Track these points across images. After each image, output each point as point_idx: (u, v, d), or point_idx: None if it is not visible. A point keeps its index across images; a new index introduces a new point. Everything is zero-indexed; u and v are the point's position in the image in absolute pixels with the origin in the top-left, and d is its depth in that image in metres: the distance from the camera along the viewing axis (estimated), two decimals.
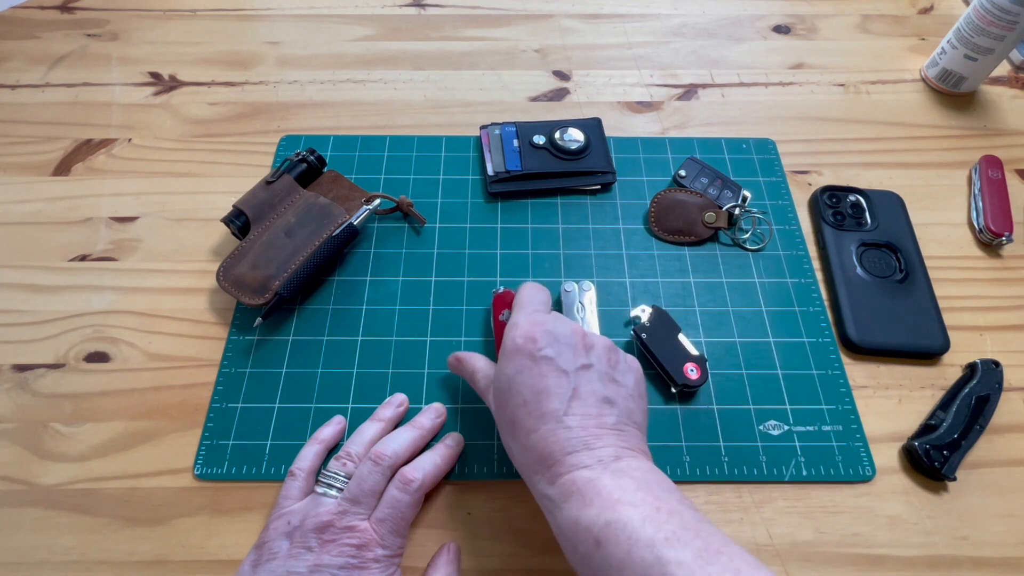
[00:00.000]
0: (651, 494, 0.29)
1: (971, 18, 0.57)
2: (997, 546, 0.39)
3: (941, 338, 0.46)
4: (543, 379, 0.34)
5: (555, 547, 0.39)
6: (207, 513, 0.40)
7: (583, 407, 0.33)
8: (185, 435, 0.42)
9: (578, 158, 0.54)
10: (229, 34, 0.66)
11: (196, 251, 0.51)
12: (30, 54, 0.64)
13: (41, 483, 0.41)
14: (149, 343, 0.46)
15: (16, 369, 0.45)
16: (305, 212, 0.49)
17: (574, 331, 0.36)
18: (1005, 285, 0.50)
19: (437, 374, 0.45)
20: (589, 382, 0.34)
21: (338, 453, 0.39)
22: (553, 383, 0.34)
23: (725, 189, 0.53)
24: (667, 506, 0.29)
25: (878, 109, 0.61)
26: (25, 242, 0.51)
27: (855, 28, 0.68)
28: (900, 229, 0.51)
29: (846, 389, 0.44)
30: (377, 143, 0.57)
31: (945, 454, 0.41)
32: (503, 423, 0.36)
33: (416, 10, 0.69)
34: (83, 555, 0.38)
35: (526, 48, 0.66)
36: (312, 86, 0.62)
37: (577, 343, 0.36)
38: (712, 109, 0.61)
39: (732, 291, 0.49)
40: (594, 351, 0.36)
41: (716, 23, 0.69)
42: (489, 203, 0.54)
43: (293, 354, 0.46)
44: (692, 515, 0.29)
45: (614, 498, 0.29)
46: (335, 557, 0.34)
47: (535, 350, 0.35)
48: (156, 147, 0.57)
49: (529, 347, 0.35)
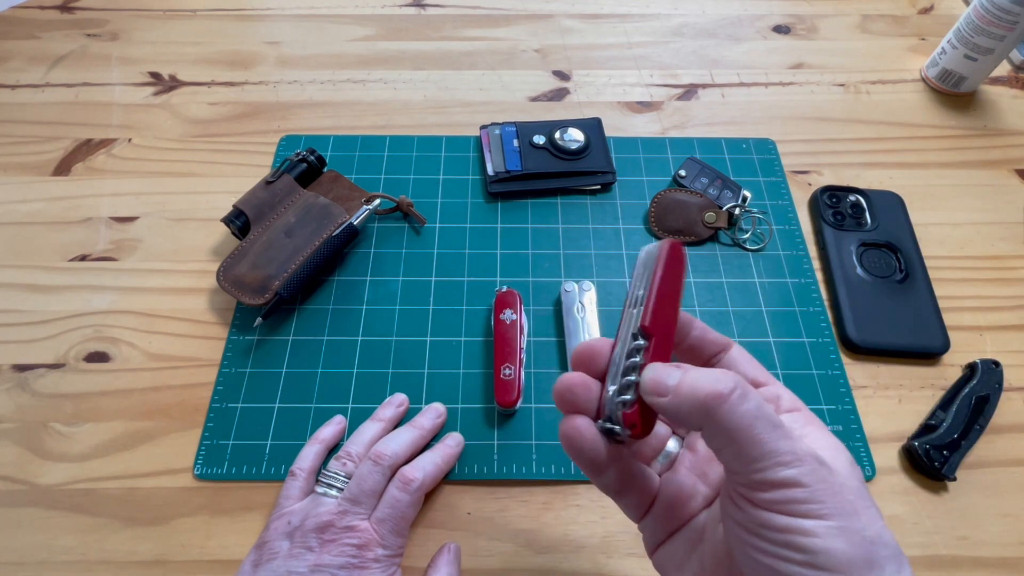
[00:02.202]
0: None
1: (971, 18, 0.57)
2: (997, 546, 0.39)
3: (941, 338, 0.46)
4: None
5: (555, 547, 0.39)
6: (207, 513, 0.40)
7: None
8: (185, 435, 0.42)
9: (578, 158, 0.54)
10: (229, 34, 0.66)
11: (196, 251, 0.51)
12: (30, 54, 0.64)
13: (41, 483, 0.41)
14: (149, 343, 0.46)
15: (16, 369, 0.45)
16: (305, 212, 0.49)
17: None
18: (1005, 285, 0.50)
19: (437, 374, 0.45)
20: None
21: (338, 453, 0.39)
22: None
23: (725, 189, 0.53)
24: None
25: (878, 109, 0.61)
26: (25, 242, 0.51)
27: (855, 28, 0.68)
28: (900, 229, 0.51)
29: (846, 389, 0.44)
30: (377, 143, 0.57)
31: (945, 454, 0.41)
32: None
33: (416, 10, 0.69)
34: (83, 555, 0.38)
35: (526, 48, 0.66)
36: (312, 86, 0.62)
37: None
38: (712, 109, 0.61)
39: (732, 291, 0.49)
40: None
41: (716, 23, 0.69)
42: (489, 203, 0.54)
43: (293, 354, 0.46)
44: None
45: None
46: (335, 557, 0.34)
47: None
48: (156, 147, 0.57)
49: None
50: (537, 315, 0.47)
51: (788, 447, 0.21)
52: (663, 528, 0.26)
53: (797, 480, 0.20)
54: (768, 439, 0.21)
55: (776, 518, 0.20)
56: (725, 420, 0.21)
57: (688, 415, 0.22)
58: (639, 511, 0.27)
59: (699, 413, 0.21)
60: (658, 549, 0.26)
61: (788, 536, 0.20)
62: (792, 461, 0.21)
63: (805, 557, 0.20)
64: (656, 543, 0.26)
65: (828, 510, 0.20)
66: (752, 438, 0.21)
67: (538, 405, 0.44)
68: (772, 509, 0.21)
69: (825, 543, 0.20)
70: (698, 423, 0.22)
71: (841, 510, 0.20)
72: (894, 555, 0.21)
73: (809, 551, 0.20)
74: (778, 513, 0.20)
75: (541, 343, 0.46)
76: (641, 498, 0.26)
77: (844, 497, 0.21)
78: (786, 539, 0.20)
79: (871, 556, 0.20)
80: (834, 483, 0.21)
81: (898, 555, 0.21)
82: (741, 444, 0.21)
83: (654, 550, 0.27)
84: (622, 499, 0.27)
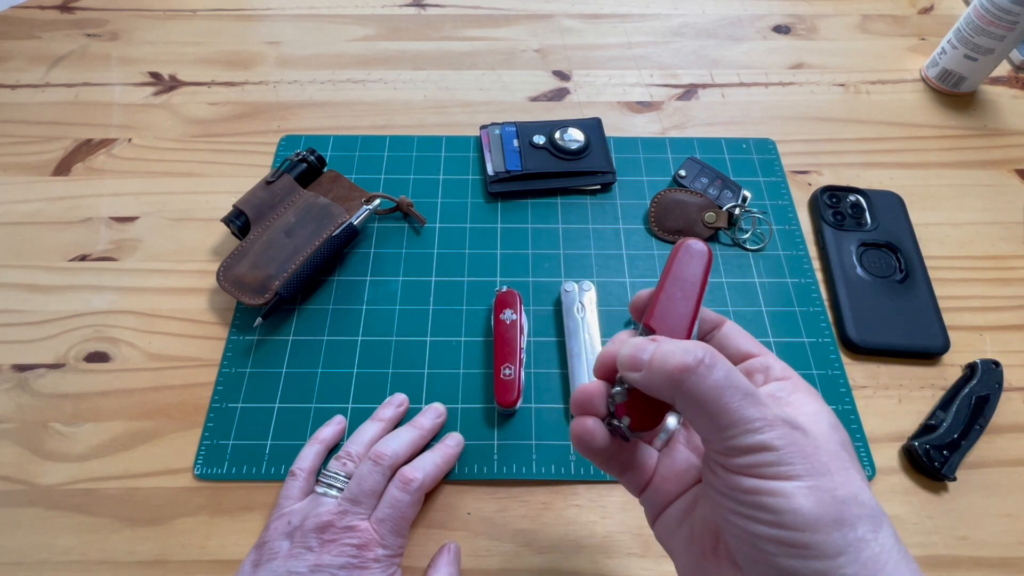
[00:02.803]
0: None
1: (971, 18, 0.57)
2: (997, 546, 0.39)
3: (941, 338, 0.46)
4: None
5: (555, 547, 0.39)
6: (207, 513, 0.40)
7: None
8: (185, 435, 0.42)
9: (578, 158, 0.54)
10: (229, 34, 0.66)
11: (196, 251, 0.51)
12: (30, 54, 0.64)
13: (41, 483, 0.41)
14: (149, 343, 0.46)
15: (16, 369, 0.45)
16: (305, 212, 0.49)
17: None
18: (1005, 285, 0.50)
19: (437, 374, 0.45)
20: None
21: (338, 453, 0.39)
22: None
23: (725, 189, 0.53)
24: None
25: (878, 109, 0.61)
26: (25, 242, 0.51)
27: (855, 28, 0.68)
28: (900, 229, 0.51)
29: (846, 389, 0.44)
30: (377, 143, 0.57)
31: (945, 454, 0.41)
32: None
33: (416, 10, 0.69)
34: (83, 555, 0.38)
35: (526, 48, 0.66)
36: (312, 86, 0.62)
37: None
38: (712, 109, 0.61)
39: (732, 291, 0.49)
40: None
41: (716, 23, 0.69)
42: (489, 203, 0.54)
43: (293, 354, 0.46)
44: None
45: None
46: (335, 557, 0.34)
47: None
48: (156, 147, 0.57)
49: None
50: (537, 315, 0.47)
51: (759, 413, 0.21)
52: (661, 500, 0.27)
53: (765, 444, 0.21)
54: (737, 407, 0.21)
55: (745, 481, 0.21)
56: (694, 391, 0.22)
57: (660, 388, 0.23)
58: (639, 487, 0.28)
59: (669, 385, 0.22)
60: (657, 519, 0.27)
61: (757, 497, 0.21)
62: (761, 427, 0.21)
63: (773, 517, 0.20)
64: (655, 514, 0.27)
65: (797, 471, 0.21)
66: (721, 407, 0.21)
67: (538, 405, 0.44)
68: (743, 473, 0.21)
69: (791, 503, 0.20)
70: (670, 395, 0.23)
71: (811, 471, 0.21)
72: (870, 515, 0.21)
73: (775, 511, 0.20)
74: (748, 476, 0.21)
75: (541, 343, 0.46)
76: (641, 475, 0.27)
77: (817, 458, 0.21)
78: (755, 500, 0.21)
79: (841, 515, 0.20)
80: (806, 445, 0.21)
81: (875, 515, 0.21)
82: (711, 413, 0.22)
83: (654, 520, 0.27)
84: (623, 477, 0.28)
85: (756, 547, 0.21)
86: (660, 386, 0.23)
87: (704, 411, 0.22)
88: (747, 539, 0.21)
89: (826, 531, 0.20)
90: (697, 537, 0.25)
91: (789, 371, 0.26)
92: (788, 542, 0.20)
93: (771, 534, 0.20)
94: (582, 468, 0.41)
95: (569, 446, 0.42)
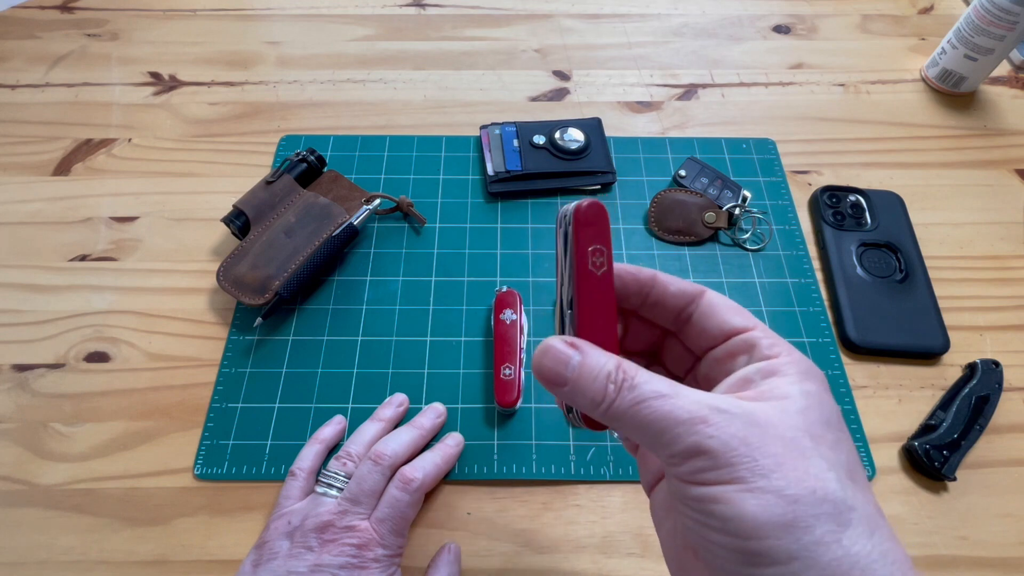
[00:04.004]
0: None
1: (971, 18, 0.57)
2: (997, 546, 0.39)
3: (941, 338, 0.46)
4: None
5: (555, 547, 0.39)
6: (207, 513, 0.40)
7: None
8: (185, 435, 0.42)
9: (578, 158, 0.54)
10: (229, 34, 0.66)
11: (196, 251, 0.51)
12: (30, 54, 0.64)
13: (41, 483, 0.41)
14: (149, 343, 0.46)
15: (16, 369, 0.45)
16: (305, 212, 0.49)
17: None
18: (1005, 285, 0.50)
19: (437, 374, 0.45)
20: None
21: (338, 453, 0.39)
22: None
23: (725, 189, 0.53)
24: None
25: (878, 109, 0.61)
26: (25, 242, 0.51)
27: (855, 28, 0.68)
28: (900, 229, 0.51)
29: (846, 389, 0.44)
30: (377, 143, 0.57)
31: (945, 454, 0.41)
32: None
33: (416, 10, 0.69)
34: (83, 555, 0.38)
35: (526, 48, 0.66)
36: (312, 86, 0.62)
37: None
38: (712, 109, 0.61)
39: (732, 291, 0.49)
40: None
41: (716, 23, 0.69)
42: (489, 203, 0.54)
43: (293, 354, 0.46)
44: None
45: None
46: (335, 557, 0.34)
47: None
48: (156, 147, 0.57)
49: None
50: (537, 315, 0.47)
51: (685, 416, 0.19)
52: (651, 469, 0.25)
53: (698, 447, 0.19)
54: (658, 418, 0.20)
55: (692, 489, 0.19)
56: (616, 416, 0.20)
57: (586, 409, 0.21)
58: (630, 443, 0.26)
59: (592, 410, 0.21)
60: (652, 491, 0.25)
61: (704, 505, 0.19)
62: (684, 432, 0.19)
63: (720, 524, 0.19)
64: (649, 483, 0.25)
65: (740, 473, 0.19)
66: (648, 422, 0.20)
67: (538, 405, 0.44)
68: (687, 481, 0.20)
69: (733, 508, 0.18)
70: (601, 420, 0.21)
71: (755, 470, 0.18)
72: (831, 512, 0.18)
73: (721, 518, 0.19)
74: (692, 484, 0.19)
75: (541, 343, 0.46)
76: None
77: (764, 452, 0.19)
78: (703, 508, 0.19)
79: (793, 517, 0.18)
80: (751, 439, 0.19)
81: (839, 512, 0.18)
82: (641, 431, 0.20)
83: (650, 489, 0.25)
84: (636, 453, 0.26)
85: (714, 554, 0.19)
86: (585, 408, 0.21)
87: (634, 431, 0.20)
88: (706, 547, 0.20)
89: (775, 536, 0.18)
90: (680, 532, 0.23)
91: (779, 347, 0.22)
92: (740, 550, 0.18)
93: (724, 542, 0.19)
94: (582, 468, 0.41)
95: (569, 446, 0.42)
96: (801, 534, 0.18)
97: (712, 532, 0.19)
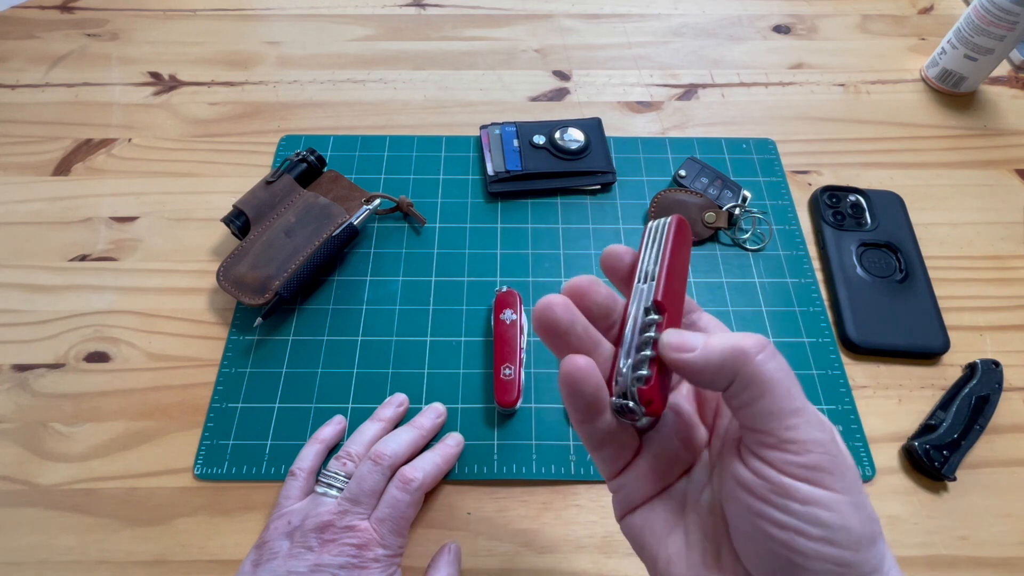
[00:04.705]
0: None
1: (971, 18, 0.57)
2: (997, 546, 0.39)
3: (941, 338, 0.46)
4: None
5: (555, 547, 0.39)
6: (207, 513, 0.40)
7: None
8: (185, 435, 0.42)
9: (578, 158, 0.54)
10: (229, 34, 0.66)
11: (196, 251, 0.51)
12: (30, 54, 0.64)
13: (41, 483, 0.41)
14: (149, 343, 0.46)
15: (16, 369, 0.45)
16: (305, 212, 0.49)
17: None
18: (1005, 285, 0.50)
19: (437, 374, 0.45)
20: None
21: (338, 453, 0.39)
22: None
23: (725, 189, 0.53)
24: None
25: (878, 109, 0.61)
26: (25, 242, 0.51)
27: (855, 28, 0.68)
28: (900, 229, 0.51)
29: (846, 389, 0.44)
30: (377, 143, 0.57)
31: (945, 454, 0.41)
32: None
33: (416, 10, 0.69)
34: (83, 555, 0.38)
35: (526, 48, 0.66)
36: (312, 86, 0.62)
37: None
38: (712, 109, 0.61)
39: (732, 291, 0.49)
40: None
41: (716, 23, 0.69)
42: (489, 203, 0.54)
43: (293, 354, 0.46)
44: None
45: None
46: (335, 557, 0.34)
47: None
48: (156, 147, 0.57)
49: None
50: None
51: (815, 409, 0.20)
52: (639, 490, 0.25)
53: (825, 444, 0.19)
54: (799, 395, 0.20)
55: (801, 487, 0.19)
56: (759, 370, 0.20)
57: (719, 367, 0.20)
58: (615, 468, 0.25)
59: (732, 363, 0.20)
60: (630, 514, 0.25)
61: (810, 508, 0.19)
62: (820, 426, 0.20)
63: (822, 532, 0.19)
64: (629, 506, 0.25)
65: (844, 484, 0.19)
66: (788, 391, 0.20)
67: (538, 405, 0.44)
68: (798, 477, 0.19)
69: (844, 519, 0.19)
70: (729, 375, 0.20)
71: (852, 485, 0.20)
72: (880, 529, 0.21)
73: (827, 525, 0.19)
74: (803, 481, 0.19)
75: (541, 343, 0.46)
76: (620, 453, 0.25)
77: (853, 471, 0.20)
78: (808, 511, 0.19)
79: (873, 532, 0.20)
80: (845, 455, 0.20)
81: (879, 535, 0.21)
82: (776, 396, 0.20)
83: (625, 514, 0.25)
84: (600, 452, 0.25)
85: (792, 562, 0.19)
86: (718, 366, 0.20)
87: (766, 393, 0.20)
88: (780, 553, 0.19)
89: (866, 549, 0.19)
90: (695, 547, 0.23)
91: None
92: (834, 560, 0.19)
93: (815, 549, 0.19)
94: (582, 468, 0.41)
95: (569, 446, 0.42)
96: (875, 548, 0.20)
97: (805, 539, 0.19)
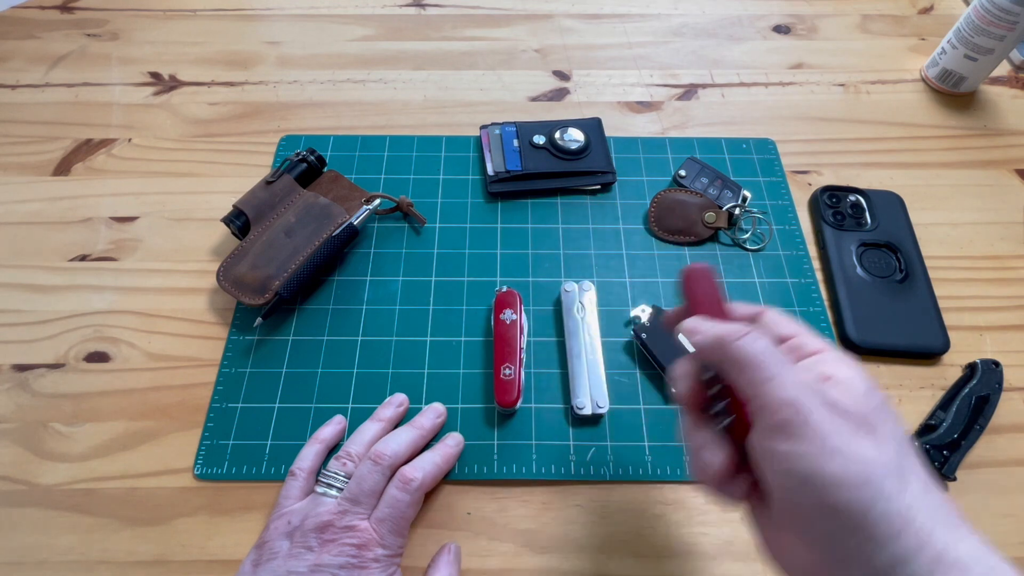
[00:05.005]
0: None
1: (971, 18, 0.57)
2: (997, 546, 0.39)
3: (941, 338, 0.46)
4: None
5: (555, 547, 0.39)
6: (207, 513, 0.40)
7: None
8: (185, 435, 0.42)
9: (578, 158, 0.54)
10: (229, 34, 0.66)
11: (196, 251, 0.51)
12: (30, 54, 0.64)
13: (41, 483, 0.41)
14: (149, 343, 0.46)
15: (16, 369, 0.45)
16: (305, 212, 0.49)
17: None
18: (1005, 285, 0.50)
19: (437, 374, 0.45)
20: None
21: (338, 453, 0.39)
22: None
23: (725, 189, 0.53)
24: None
25: (878, 109, 0.61)
26: (25, 242, 0.51)
27: (855, 28, 0.68)
28: (900, 229, 0.51)
29: None
30: (377, 143, 0.57)
31: (945, 454, 0.41)
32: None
33: (416, 10, 0.69)
34: (83, 555, 0.38)
35: (526, 48, 0.66)
36: (312, 86, 0.62)
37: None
38: (712, 109, 0.61)
39: (732, 291, 0.49)
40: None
41: (716, 23, 0.69)
42: (489, 203, 0.54)
43: (293, 354, 0.46)
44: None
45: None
46: (335, 557, 0.34)
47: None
48: (156, 147, 0.57)
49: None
50: (537, 315, 0.47)
51: (794, 371, 0.25)
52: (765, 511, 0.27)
53: (795, 403, 0.24)
54: (774, 366, 0.25)
55: (777, 447, 0.24)
56: (736, 353, 0.26)
57: (710, 350, 0.27)
58: (744, 491, 0.28)
59: (717, 348, 0.27)
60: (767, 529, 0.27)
61: (784, 464, 0.24)
62: (795, 384, 0.25)
63: (797, 484, 0.24)
64: (766, 524, 0.27)
65: (813, 433, 0.23)
66: (759, 364, 0.25)
67: (538, 405, 0.44)
68: (774, 437, 0.24)
69: (815, 465, 0.23)
70: (718, 356, 0.27)
71: (826, 434, 0.24)
72: (895, 474, 0.23)
73: (799, 475, 0.24)
74: (778, 439, 0.24)
75: (541, 343, 0.46)
76: (744, 478, 0.28)
77: (829, 421, 0.24)
78: (784, 468, 0.24)
79: (867, 475, 0.23)
80: (815, 408, 0.24)
81: (901, 473, 0.23)
82: (749, 370, 0.25)
83: (766, 531, 0.27)
84: (727, 488, 0.28)
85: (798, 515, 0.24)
86: (709, 348, 0.27)
87: (745, 369, 0.25)
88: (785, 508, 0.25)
89: (857, 489, 0.22)
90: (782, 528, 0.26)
91: (820, 344, 0.28)
92: (821, 505, 0.23)
93: (796, 502, 0.24)
94: (582, 468, 0.41)
95: (569, 446, 0.42)
96: (873, 488, 0.22)
97: (789, 494, 0.24)
